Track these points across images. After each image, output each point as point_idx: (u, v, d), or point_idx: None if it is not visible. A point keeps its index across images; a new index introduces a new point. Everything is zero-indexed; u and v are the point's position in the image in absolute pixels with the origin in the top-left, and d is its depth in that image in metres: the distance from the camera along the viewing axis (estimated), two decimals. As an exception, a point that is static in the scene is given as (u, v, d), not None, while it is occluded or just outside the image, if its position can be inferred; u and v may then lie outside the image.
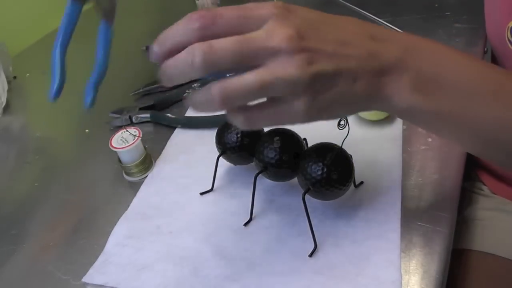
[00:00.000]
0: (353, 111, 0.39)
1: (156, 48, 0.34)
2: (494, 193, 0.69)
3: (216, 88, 0.33)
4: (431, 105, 0.36)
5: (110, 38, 0.45)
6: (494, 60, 0.66)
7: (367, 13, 0.87)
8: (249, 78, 0.32)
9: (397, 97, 0.35)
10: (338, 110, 0.36)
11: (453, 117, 0.37)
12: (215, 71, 0.32)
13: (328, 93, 0.33)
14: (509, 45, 0.57)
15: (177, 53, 0.33)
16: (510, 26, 0.57)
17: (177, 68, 0.33)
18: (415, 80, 0.35)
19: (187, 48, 0.32)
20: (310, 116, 0.34)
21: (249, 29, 0.33)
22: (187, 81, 0.34)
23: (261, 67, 0.32)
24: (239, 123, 0.35)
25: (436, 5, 0.86)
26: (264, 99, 0.35)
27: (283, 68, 0.32)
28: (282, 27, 0.32)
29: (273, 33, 0.32)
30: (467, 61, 0.38)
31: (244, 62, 0.32)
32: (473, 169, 0.74)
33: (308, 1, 1.03)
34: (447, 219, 0.46)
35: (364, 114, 0.59)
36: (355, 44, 0.34)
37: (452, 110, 0.37)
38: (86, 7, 0.50)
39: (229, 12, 0.33)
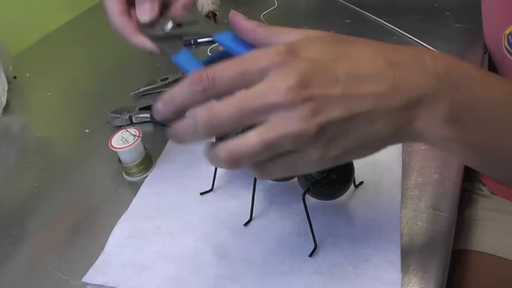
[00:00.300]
0: (378, 150, 0.34)
1: (161, 107, 0.34)
2: (494, 194, 0.69)
3: (222, 152, 0.32)
4: (466, 136, 0.33)
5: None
6: (492, 66, 0.67)
7: (367, 13, 0.87)
8: (252, 139, 0.31)
9: (428, 131, 0.32)
10: (360, 153, 0.33)
11: (489, 148, 0.34)
12: (221, 132, 0.32)
13: (343, 140, 0.31)
14: (506, 52, 0.57)
15: (183, 112, 0.33)
16: (506, 34, 0.57)
17: (183, 133, 0.33)
18: (448, 112, 0.32)
19: (190, 115, 0.32)
20: (327, 163, 0.32)
21: (251, 83, 0.31)
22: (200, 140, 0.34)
23: (264, 125, 0.31)
24: (255, 175, 0.34)
25: (436, 5, 0.86)
26: None
27: (286, 124, 0.30)
28: (282, 77, 0.30)
29: (273, 87, 0.30)
30: (501, 85, 0.35)
31: (248, 122, 0.31)
32: (473, 169, 0.74)
33: (309, 1, 1.03)
34: (447, 219, 0.46)
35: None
36: (372, 79, 0.31)
37: (488, 141, 0.34)
38: (84, 7, 0.49)
39: (229, 70, 0.32)
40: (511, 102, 0.34)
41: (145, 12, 0.46)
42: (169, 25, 0.47)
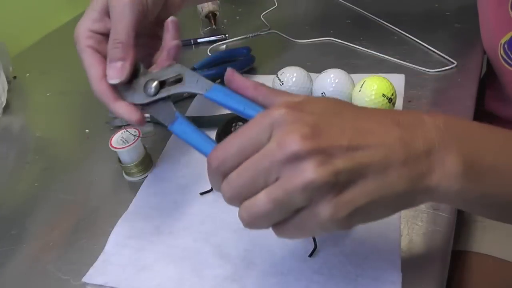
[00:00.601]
0: (395, 210, 0.33)
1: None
2: None
3: (241, 212, 0.33)
4: (480, 185, 0.33)
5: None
6: (491, 71, 0.67)
7: (367, 13, 0.87)
8: (261, 200, 0.31)
9: (443, 184, 0.32)
10: (376, 212, 0.32)
11: (505, 195, 0.34)
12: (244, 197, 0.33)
13: (354, 193, 0.30)
14: (502, 61, 0.58)
15: None
16: (502, 43, 0.57)
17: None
18: (458, 163, 0.32)
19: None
20: (341, 222, 0.30)
21: (260, 145, 0.31)
22: None
23: (272, 184, 0.30)
24: (276, 235, 0.34)
25: (436, 5, 0.86)
26: None
27: (294, 178, 0.29)
28: (288, 132, 0.30)
29: (279, 143, 0.30)
30: (499, 132, 0.36)
31: (263, 182, 0.31)
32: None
33: (309, 1, 1.03)
34: (447, 219, 0.46)
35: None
36: (378, 132, 0.31)
37: (502, 188, 0.34)
38: (84, 7, 0.49)
39: (235, 143, 0.32)
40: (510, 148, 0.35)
41: (115, 72, 0.42)
42: (153, 87, 0.42)
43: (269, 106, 0.35)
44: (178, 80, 0.42)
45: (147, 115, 0.67)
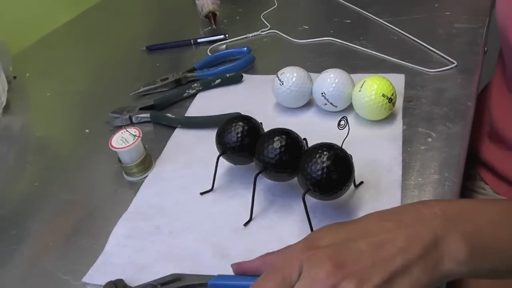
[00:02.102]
0: None
1: None
2: (497, 193, 0.69)
3: None
4: (489, 258, 0.35)
5: None
6: (502, 57, 0.66)
7: (367, 13, 0.87)
8: None
9: (456, 266, 0.34)
10: None
11: (510, 266, 0.36)
12: None
13: None
14: None
15: None
16: None
17: None
18: (463, 244, 0.34)
19: None
20: None
21: (291, 285, 0.34)
22: None
23: None
24: None
25: (436, 5, 0.86)
26: None
27: None
28: (317, 267, 0.34)
29: (313, 278, 0.33)
30: (495, 204, 0.39)
31: None
32: (475, 168, 0.74)
33: (309, 1, 1.03)
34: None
35: (364, 114, 0.59)
36: (390, 240, 0.35)
37: (506, 262, 0.36)
38: (84, 7, 0.49)
39: (269, 282, 0.35)
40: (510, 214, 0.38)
41: None
42: None
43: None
44: (177, 279, 0.44)
45: (147, 115, 0.67)
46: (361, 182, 0.51)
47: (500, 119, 0.67)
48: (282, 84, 0.62)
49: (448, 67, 0.68)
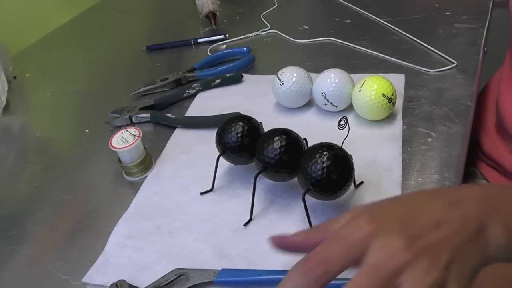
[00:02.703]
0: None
1: None
2: None
3: None
4: None
5: None
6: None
7: (367, 13, 0.87)
8: None
9: (501, 249, 0.34)
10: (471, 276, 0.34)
11: None
12: None
13: (464, 269, 0.33)
14: None
15: None
16: None
17: None
18: (505, 230, 0.34)
19: None
20: None
21: (360, 256, 0.32)
22: None
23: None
24: None
25: (436, 5, 0.86)
26: None
27: (422, 279, 0.31)
28: (390, 242, 0.32)
29: (389, 252, 0.31)
30: None
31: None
32: (475, 166, 0.74)
33: (309, 1, 1.03)
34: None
35: (364, 114, 0.59)
36: (448, 219, 0.34)
37: None
38: (83, 7, 0.49)
39: (335, 250, 0.33)
40: None
41: None
42: None
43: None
44: (180, 275, 0.44)
45: (147, 115, 0.67)
46: (361, 182, 0.51)
47: (510, 114, 0.66)
48: (282, 84, 0.62)
49: (448, 67, 0.68)
